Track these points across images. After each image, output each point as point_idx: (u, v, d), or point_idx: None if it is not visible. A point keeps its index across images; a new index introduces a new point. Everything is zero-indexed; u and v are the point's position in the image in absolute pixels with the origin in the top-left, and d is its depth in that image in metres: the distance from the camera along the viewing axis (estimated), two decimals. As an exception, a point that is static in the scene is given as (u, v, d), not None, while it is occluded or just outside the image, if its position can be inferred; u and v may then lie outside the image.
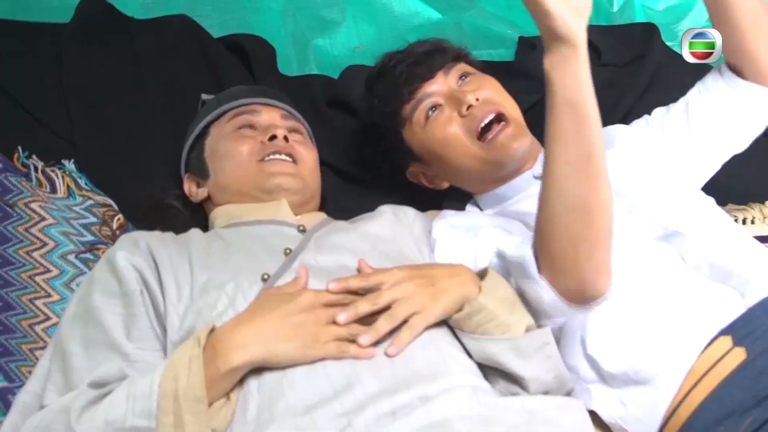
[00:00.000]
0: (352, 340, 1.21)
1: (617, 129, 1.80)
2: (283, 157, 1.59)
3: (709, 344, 1.30)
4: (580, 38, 1.18)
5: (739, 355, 1.26)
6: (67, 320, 1.33)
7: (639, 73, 2.21)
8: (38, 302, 1.56)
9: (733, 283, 1.38)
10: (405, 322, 1.24)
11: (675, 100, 2.11)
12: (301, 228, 1.51)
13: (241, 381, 1.19)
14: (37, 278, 1.59)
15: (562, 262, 1.27)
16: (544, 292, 1.30)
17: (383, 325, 1.23)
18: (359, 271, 1.37)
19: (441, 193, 1.85)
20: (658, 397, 1.33)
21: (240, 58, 2.17)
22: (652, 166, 1.67)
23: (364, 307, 1.24)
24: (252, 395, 1.17)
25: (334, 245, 1.45)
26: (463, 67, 1.75)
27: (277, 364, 1.18)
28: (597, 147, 1.23)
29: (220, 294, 1.28)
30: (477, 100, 1.64)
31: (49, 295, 1.58)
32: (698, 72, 2.23)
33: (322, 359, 1.19)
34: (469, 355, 1.31)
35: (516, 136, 1.63)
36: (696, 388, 1.28)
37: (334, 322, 1.22)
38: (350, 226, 1.58)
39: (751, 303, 1.33)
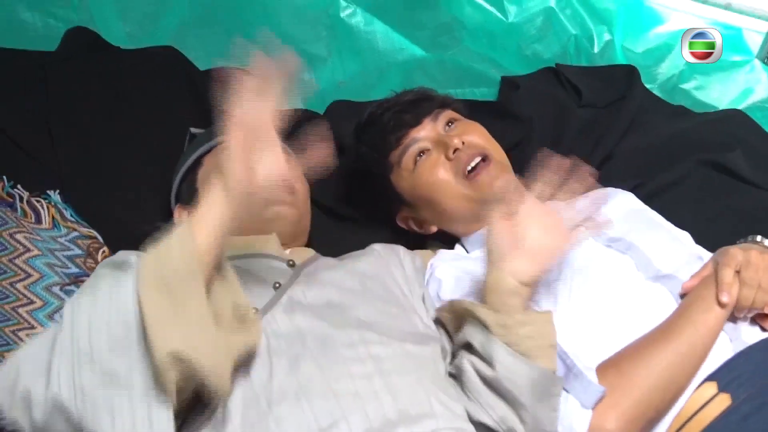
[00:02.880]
0: None
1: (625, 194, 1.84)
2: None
3: (695, 390, 1.32)
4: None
5: (723, 401, 1.28)
6: None
7: (619, 115, 2.23)
8: (21, 333, 1.55)
9: (725, 327, 1.40)
10: None
11: (653, 144, 2.15)
12: (290, 263, 1.50)
13: (227, 420, 1.18)
14: (20, 310, 1.58)
15: (623, 411, 1.29)
16: (576, 419, 1.30)
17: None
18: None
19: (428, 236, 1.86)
20: (644, 441, 1.34)
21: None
22: (649, 216, 1.72)
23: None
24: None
25: (322, 281, 1.46)
26: (449, 113, 1.79)
27: None
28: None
29: None
30: (463, 143, 1.67)
31: (33, 327, 1.57)
32: (676, 116, 2.30)
33: (295, 377, 1.20)
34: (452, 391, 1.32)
35: (499, 175, 1.65)
36: (681, 432, 1.30)
37: None
38: (339, 263, 1.58)
39: (739, 348, 1.35)
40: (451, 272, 1.60)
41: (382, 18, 2.35)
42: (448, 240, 1.81)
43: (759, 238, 1.52)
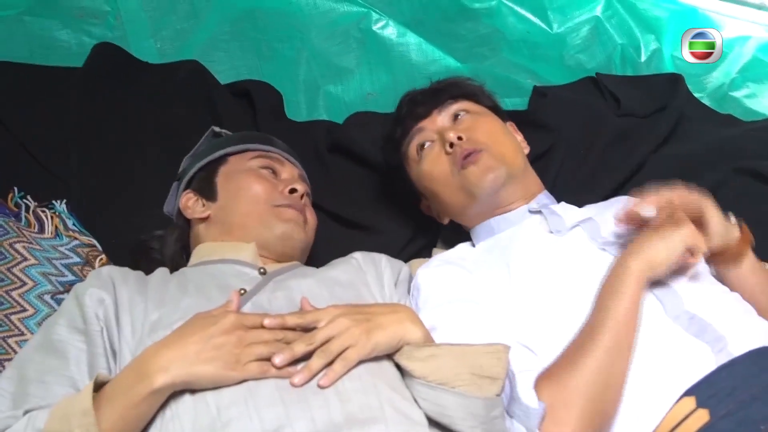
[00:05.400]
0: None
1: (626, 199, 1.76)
2: (296, 211, 1.61)
3: (673, 405, 1.23)
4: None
5: (702, 417, 1.19)
6: (30, 347, 1.33)
7: (658, 124, 2.14)
8: (11, 340, 1.56)
9: (708, 338, 1.30)
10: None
11: (691, 152, 2.04)
12: (261, 270, 1.49)
13: (176, 418, 1.17)
14: (13, 317, 1.59)
15: (571, 423, 1.24)
16: None
17: (317, 362, 1.20)
18: (301, 308, 1.35)
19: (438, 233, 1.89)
20: (621, 455, 1.26)
21: (247, 104, 2.17)
22: None
23: (300, 347, 1.22)
24: None
25: (290, 289, 1.43)
26: (464, 105, 1.75)
27: (200, 386, 1.17)
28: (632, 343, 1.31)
29: (167, 333, 1.26)
30: (459, 138, 1.63)
31: (22, 334, 1.58)
32: (723, 123, 2.17)
33: (245, 381, 1.18)
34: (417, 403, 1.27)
35: (488, 168, 1.61)
36: (658, 449, 1.21)
37: (263, 343, 1.21)
38: (312, 272, 1.55)
39: (722, 361, 1.25)
40: (434, 274, 1.59)
41: (416, 31, 2.32)
42: (461, 231, 1.81)
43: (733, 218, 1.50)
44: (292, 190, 1.62)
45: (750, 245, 1.51)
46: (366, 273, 1.59)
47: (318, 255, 1.76)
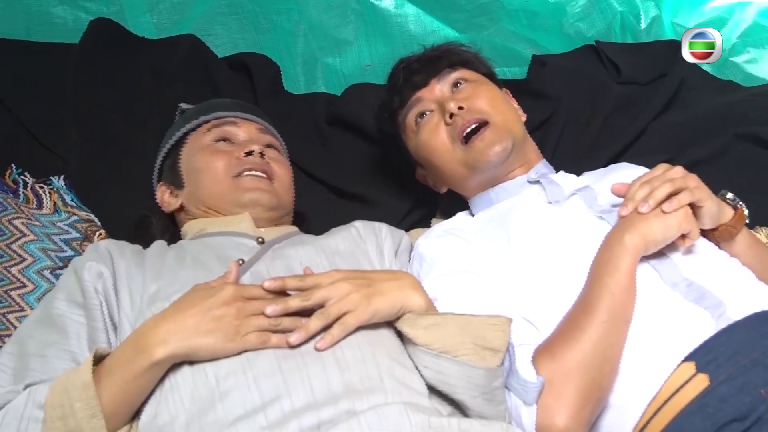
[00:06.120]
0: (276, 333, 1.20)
1: (625, 166, 1.74)
2: (259, 173, 1.56)
3: (672, 371, 1.22)
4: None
5: (701, 381, 1.18)
6: (30, 322, 1.33)
7: (658, 92, 2.12)
8: (10, 316, 1.57)
9: (707, 304, 1.29)
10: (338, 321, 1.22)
11: (692, 119, 2.03)
12: (259, 240, 1.48)
13: (174, 389, 1.17)
14: (12, 293, 1.60)
15: (570, 396, 1.24)
16: (524, 415, 1.26)
17: (315, 323, 1.20)
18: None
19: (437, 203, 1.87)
20: (621, 422, 1.26)
21: (245, 77, 2.16)
22: None
23: (295, 302, 1.22)
24: (183, 405, 1.15)
25: (288, 257, 1.43)
26: (462, 73, 1.72)
27: (200, 358, 1.17)
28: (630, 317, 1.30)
29: (166, 304, 1.25)
30: (460, 108, 1.61)
31: (23, 309, 1.58)
32: (724, 89, 2.16)
33: (245, 352, 1.18)
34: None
35: (495, 141, 1.59)
36: (658, 415, 1.20)
37: (262, 314, 1.20)
38: (311, 240, 1.54)
39: (722, 326, 1.24)
40: (435, 245, 1.58)
41: (414, 1, 2.31)
42: (459, 200, 1.78)
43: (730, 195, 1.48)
44: (248, 153, 1.57)
45: (744, 222, 1.49)
46: (366, 242, 1.58)
47: (318, 229, 1.74)
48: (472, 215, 1.72)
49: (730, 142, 1.95)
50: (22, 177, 1.82)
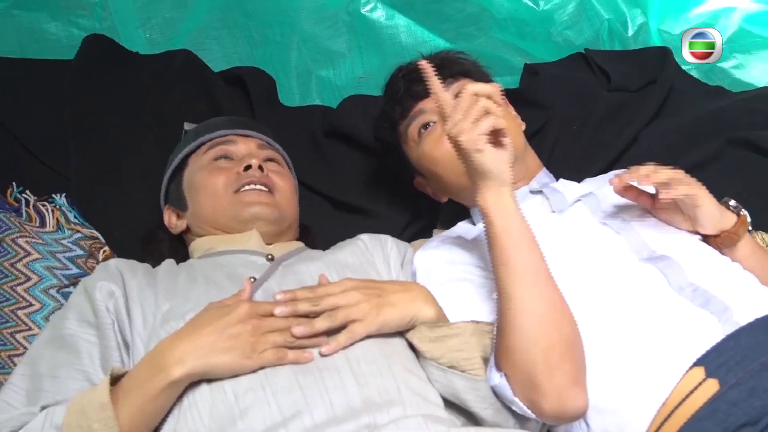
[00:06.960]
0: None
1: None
2: (259, 187, 1.57)
3: (682, 376, 1.24)
4: (507, 176, 1.30)
5: (711, 387, 1.19)
6: (40, 342, 1.33)
7: (649, 98, 2.15)
8: (18, 336, 1.57)
9: (713, 309, 1.31)
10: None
11: (683, 125, 2.06)
12: (269, 257, 1.49)
13: (193, 407, 1.18)
14: (19, 312, 1.60)
15: (534, 375, 1.23)
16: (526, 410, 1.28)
17: (321, 322, 1.23)
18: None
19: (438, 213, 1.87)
20: (630, 429, 1.26)
21: (241, 91, 2.17)
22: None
23: (304, 305, 1.24)
24: (203, 422, 1.16)
25: (299, 273, 1.44)
26: (463, 83, 1.71)
27: (217, 376, 1.18)
28: (539, 264, 1.28)
29: (180, 323, 1.27)
30: None
31: (30, 329, 1.59)
32: (712, 95, 2.19)
33: (262, 369, 1.19)
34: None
35: None
36: (668, 421, 1.21)
37: (278, 331, 1.22)
38: (320, 255, 1.55)
39: (730, 330, 1.26)
40: (431, 256, 1.58)
41: (405, 12, 2.32)
42: (460, 209, 1.80)
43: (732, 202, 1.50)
44: (247, 167, 1.58)
45: (746, 229, 1.50)
46: (373, 254, 1.59)
47: (319, 241, 1.75)
48: (474, 224, 1.73)
49: (722, 147, 1.98)
50: (24, 195, 1.81)
